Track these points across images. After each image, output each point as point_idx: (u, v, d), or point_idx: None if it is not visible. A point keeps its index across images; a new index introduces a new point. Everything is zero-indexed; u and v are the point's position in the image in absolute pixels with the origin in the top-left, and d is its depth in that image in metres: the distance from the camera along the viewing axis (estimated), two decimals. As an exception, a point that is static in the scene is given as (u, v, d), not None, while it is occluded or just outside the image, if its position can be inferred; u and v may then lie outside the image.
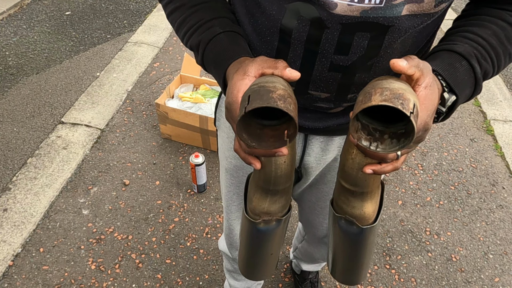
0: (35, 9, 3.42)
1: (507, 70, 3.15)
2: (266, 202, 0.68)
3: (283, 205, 0.70)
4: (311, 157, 0.86)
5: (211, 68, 0.67)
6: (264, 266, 0.79)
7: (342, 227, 0.68)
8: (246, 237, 0.74)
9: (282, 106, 0.49)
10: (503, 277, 1.75)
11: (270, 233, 0.71)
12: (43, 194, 1.94)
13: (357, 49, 0.62)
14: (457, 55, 0.60)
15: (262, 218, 0.69)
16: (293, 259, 1.58)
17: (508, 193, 2.12)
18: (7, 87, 2.59)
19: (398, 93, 0.47)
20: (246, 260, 0.79)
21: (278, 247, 0.77)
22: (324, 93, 0.70)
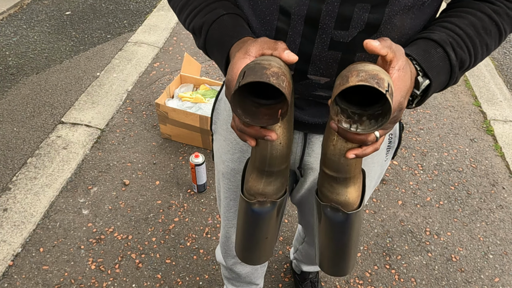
0: (35, 9, 3.42)
1: (507, 70, 3.16)
2: (261, 183, 0.69)
3: (278, 187, 0.71)
4: (311, 157, 0.85)
5: (214, 49, 0.67)
6: (260, 250, 0.80)
7: (328, 215, 0.69)
8: (242, 219, 0.75)
9: (274, 82, 0.50)
10: (503, 277, 1.75)
11: (265, 215, 0.72)
12: (43, 194, 1.94)
13: (357, 23, 0.62)
14: (433, 42, 0.61)
15: (257, 199, 0.71)
16: (293, 260, 1.58)
17: (508, 193, 2.12)
18: (7, 87, 2.59)
19: (373, 73, 0.49)
20: (242, 243, 0.79)
21: (273, 232, 0.78)
22: (324, 77, 0.69)
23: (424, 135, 2.45)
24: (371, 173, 0.91)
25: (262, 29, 0.68)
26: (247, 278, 1.31)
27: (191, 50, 3.02)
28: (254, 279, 1.35)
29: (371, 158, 0.88)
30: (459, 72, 0.63)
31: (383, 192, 2.08)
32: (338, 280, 1.71)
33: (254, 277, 1.33)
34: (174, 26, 3.29)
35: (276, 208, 0.72)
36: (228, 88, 0.58)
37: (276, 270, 1.74)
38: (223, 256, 1.21)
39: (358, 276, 1.73)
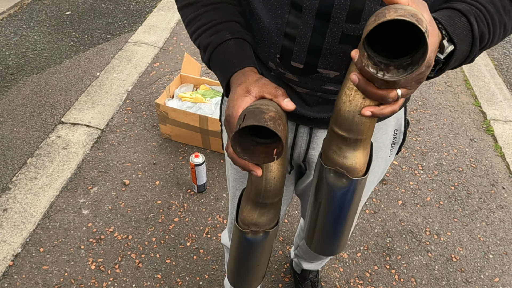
0: (35, 9, 3.42)
1: (507, 70, 3.16)
2: (255, 214, 0.73)
3: (271, 218, 0.74)
4: (315, 151, 0.86)
5: (217, 70, 0.72)
6: (251, 277, 0.84)
7: (330, 180, 0.65)
8: (235, 246, 0.79)
9: (271, 126, 0.55)
10: (503, 277, 1.75)
11: (258, 244, 0.76)
12: (43, 194, 1.94)
13: (368, 15, 0.62)
14: (456, 12, 0.60)
15: (250, 228, 0.74)
16: (294, 258, 1.58)
17: (508, 193, 2.12)
18: (7, 87, 2.59)
19: (412, 12, 0.47)
20: (234, 269, 0.84)
21: (265, 259, 0.81)
22: (333, 71, 0.69)
23: (424, 135, 2.45)
24: (374, 168, 0.91)
25: (272, 22, 0.68)
26: None
27: (191, 50, 3.02)
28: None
29: (376, 154, 0.88)
30: (478, 47, 0.62)
31: (383, 192, 2.08)
32: (338, 280, 1.71)
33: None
34: (174, 26, 3.29)
35: (268, 237, 0.76)
36: (229, 123, 0.64)
37: (276, 270, 1.74)
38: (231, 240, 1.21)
39: (358, 276, 1.73)
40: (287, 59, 0.71)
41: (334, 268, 1.75)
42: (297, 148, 0.88)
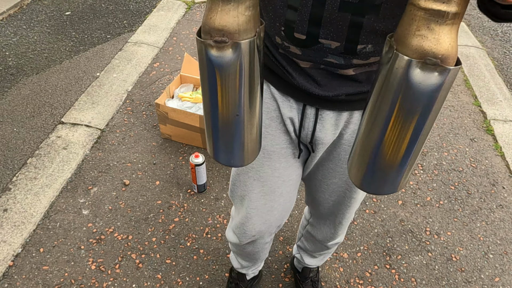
0: (35, 9, 3.42)
1: (507, 70, 3.16)
2: (216, 11, 0.53)
3: (239, 20, 0.53)
4: (322, 133, 0.87)
5: None
6: (235, 133, 0.63)
7: (415, 78, 0.49)
8: (203, 80, 0.60)
9: None
10: (503, 277, 1.75)
11: (227, 66, 0.55)
12: (43, 194, 1.94)
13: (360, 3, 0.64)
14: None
15: (213, 37, 0.54)
16: (296, 254, 1.58)
17: (508, 193, 2.12)
18: (7, 87, 2.59)
19: None
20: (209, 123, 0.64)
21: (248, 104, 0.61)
22: (334, 41, 0.70)
23: (424, 135, 2.45)
24: None
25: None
26: (256, 255, 1.34)
27: (191, 50, 3.02)
28: (263, 256, 1.39)
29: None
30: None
31: (383, 192, 2.08)
32: (338, 280, 1.71)
33: (263, 254, 1.37)
34: (174, 26, 3.29)
35: (243, 56, 0.55)
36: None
37: (276, 270, 1.74)
38: (239, 237, 1.18)
39: (358, 276, 1.73)
40: (290, 30, 0.72)
41: (334, 268, 1.75)
42: (304, 130, 0.88)
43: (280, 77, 0.83)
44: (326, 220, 1.20)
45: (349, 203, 1.09)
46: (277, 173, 0.99)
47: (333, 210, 1.13)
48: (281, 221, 1.15)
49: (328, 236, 1.26)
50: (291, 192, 1.07)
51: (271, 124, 0.91)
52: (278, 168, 0.98)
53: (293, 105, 0.86)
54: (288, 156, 0.97)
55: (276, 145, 0.94)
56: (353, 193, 1.05)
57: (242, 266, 1.47)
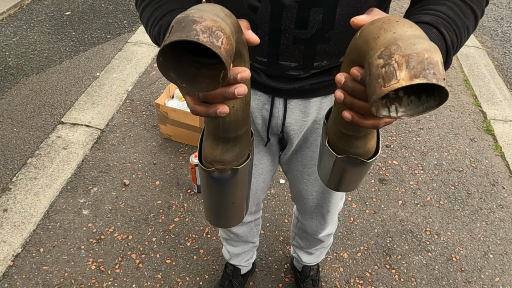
0: (35, 9, 3.42)
1: (507, 70, 3.16)
2: (217, 150, 0.62)
3: (237, 154, 0.63)
4: (292, 119, 0.92)
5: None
6: (228, 215, 0.76)
7: (344, 163, 0.66)
8: (204, 187, 0.71)
9: (204, 40, 0.40)
10: (503, 277, 1.75)
11: (227, 182, 0.67)
12: (43, 194, 1.94)
13: (314, 23, 0.70)
14: (426, 25, 0.60)
15: (215, 166, 0.63)
16: (293, 253, 1.58)
17: (508, 193, 2.12)
18: (7, 87, 2.59)
19: (425, 58, 0.39)
20: (209, 209, 0.76)
21: (241, 196, 0.73)
22: (293, 62, 0.77)
23: (424, 135, 2.45)
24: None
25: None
26: (244, 237, 1.41)
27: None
28: (251, 238, 1.44)
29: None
30: (452, 54, 0.63)
31: (383, 192, 2.08)
32: (338, 280, 1.71)
33: (251, 235, 1.43)
34: (174, 26, 3.29)
35: (239, 174, 0.67)
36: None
37: (276, 270, 1.74)
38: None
39: (358, 276, 1.73)
40: (252, 54, 0.78)
41: (334, 268, 1.75)
42: (274, 119, 0.92)
43: None
44: (312, 213, 1.23)
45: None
46: None
47: (318, 201, 1.16)
48: (257, 199, 1.22)
49: (319, 228, 1.28)
50: (263, 174, 1.12)
51: None
52: None
53: (261, 98, 0.90)
54: (256, 143, 1.02)
55: None
56: None
57: (232, 255, 1.51)
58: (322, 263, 1.75)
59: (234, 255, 1.51)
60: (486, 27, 3.74)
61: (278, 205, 1.99)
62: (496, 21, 3.84)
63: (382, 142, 2.37)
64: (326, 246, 1.46)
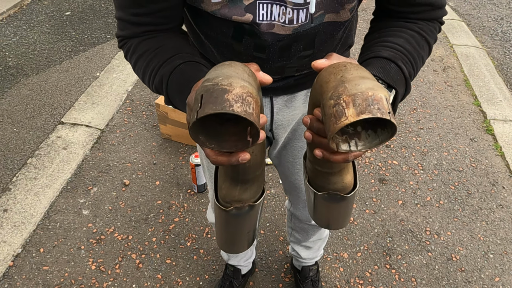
0: (35, 9, 3.42)
1: (507, 70, 3.16)
2: (236, 190, 0.64)
3: (255, 191, 0.66)
4: (279, 115, 0.94)
5: (176, 99, 0.66)
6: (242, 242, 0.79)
7: (326, 200, 0.70)
8: (220, 223, 0.73)
9: (238, 110, 0.42)
10: (503, 277, 1.75)
11: (244, 217, 0.71)
12: (43, 195, 1.94)
13: (295, 53, 0.76)
14: (385, 60, 0.66)
15: (233, 205, 0.66)
16: (291, 252, 1.58)
17: (508, 192, 2.12)
18: (7, 87, 2.59)
19: (369, 95, 0.44)
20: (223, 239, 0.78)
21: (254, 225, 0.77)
22: (276, 76, 0.83)
23: (424, 134, 2.45)
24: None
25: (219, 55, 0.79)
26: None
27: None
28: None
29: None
30: (410, 85, 0.69)
31: (383, 192, 2.08)
32: (338, 279, 1.71)
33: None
34: (174, 26, 3.29)
35: (255, 208, 0.70)
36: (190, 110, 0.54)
37: (276, 270, 1.74)
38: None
39: (359, 276, 1.73)
40: None
41: (334, 268, 1.75)
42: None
43: None
44: (305, 202, 1.23)
45: None
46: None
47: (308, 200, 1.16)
48: None
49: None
50: None
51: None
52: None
53: None
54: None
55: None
56: None
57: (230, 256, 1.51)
58: (322, 263, 1.75)
59: (232, 256, 1.51)
60: (486, 27, 3.74)
61: (278, 205, 1.99)
62: (496, 21, 3.84)
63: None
64: (322, 238, 1.45)
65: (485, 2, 4.19)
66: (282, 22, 0.69)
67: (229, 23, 0.69)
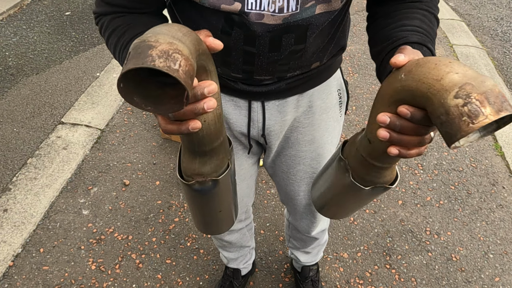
0: (35, 9, 3.42)
1: (507, 70, 3.16)
2: (196, 163, 0.63)
3: (216, 165, 0.65)
4: (271, 120, 0.93)
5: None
6: (217, 223, 0.78)
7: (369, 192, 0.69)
8: (187, 198, 0.73)
9: (160, 65, 0.40)
10: (503, 277, 1.75)
11: (209, 193, 0.69)
12: (43, 195, 1.94)
13: (286, 46, 0.74)
14: (417, 45, 0.64)
15: (195, 179, 0.65)
16: (291, 255, 1.59)
17: (508, 192, 2.12)
18: (7, 87, 2.59)
19: (497, 92, 0.43)
20: (196, 219, 0.78)
21: (226, 204, 0.75)
22: (267, 76, 0.82)
23: (424, 134, 2.45)
24: (329, 128, 0.99)
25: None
26: (238, 243, 1.41)
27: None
28: (245, 243, 1.45)
29: (326, 114, 0.96)
30: None
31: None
32: (338, 279, 1.71)
33: (244, 240, 1.43)
34: (174, 26, 3.29)
35: (220, 185, 0.69)
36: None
37: (276, 270, 1.74)
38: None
39: (359, 276, 1.73)
40: (227, 71, 0.81)
41: (334, 268, 1.75)
42: (254, 123, 0.93)
43: (221, 84, 0.88)
44: (302, 213, 1.23)
45: None
46: None
47: (307, 200, 1.17)
48: (245, 207, 1.23)
49: (310, 226, 1.28)
50: (246, 180, 1.12)
51: None
52: None
53: (237, 103, 0.90)
54: (236, 149, 1.02)
55: None
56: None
57: (229, 260, 1.51)
58: (322, 263, 1.75)
59: (231, 259, 1.51)
60: (486, 27, 3.74)
61: (278, 205, 1.99)
62: (496, 21, 3.84)
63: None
64: (322, 244, 1.45)
65: (485, 2, 4.19)
66: (272, 11, 0.68)
67: (219, 14, 0.68)
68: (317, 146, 1.01)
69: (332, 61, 0.89)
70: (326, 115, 0.97)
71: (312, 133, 0.98)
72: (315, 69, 0.86)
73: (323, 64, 0.86)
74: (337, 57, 0.90)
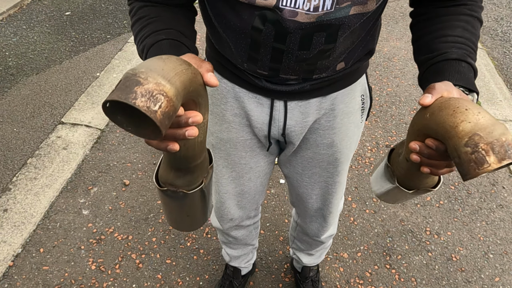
0: (35, 9, 3.42)
1: (507, 70, 3.16)
2: (170, 175, 0.66)
3: (189, 181, 0.67)
4: (293, 121, 0.92)
5: None
6: (185, 223, 0.82)
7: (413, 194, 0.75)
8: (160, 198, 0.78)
9: (140, 104, 0.41)
10: (503, 277, 1.75)
11: (179, 201, 0.73)
12: (43, 195, 1.94)
13: (316, 45, 0.74)
14: (456, 61, 0.69)
15: (167, 187, 0.69)
16: (293, 255, 1.59)
17: (508, 192, 2.12)
18: (7, 87, 2.59)
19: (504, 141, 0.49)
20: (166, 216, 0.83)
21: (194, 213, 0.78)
22: (293, 76, 0.81)
23: (424, 134, 2.45)
24: (349, 133, 0.99)
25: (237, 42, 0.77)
26: (243, 241, 1.41)
27: (191, 50, 3.02)
28: (250, 241, 1.44)
29: (347, 118, 0.95)
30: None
31: (383, 192, 2.08)
32: (338, 279, 1.71)
33: (250, 238, 1.42)
34: (174, 26, 3.29)
35: (189, 197, 0.71)
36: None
37: (276, 270, 1.74)
38: (219, 221, 1.27)
39: (359, 275, 1.73)
40: (253, 67, 0.82)
41: (334, 268, 1.75)
42: (275, 122, 0.93)
43: (246, 80, 0.88)
44: (313, 216, 1.22)
45: (334, 189, 1.11)
46: (243, 161, 1.05)
47: (319, 204, 1.16)
48: (255, 204, 1.23)
49: (321, 230, 1.27)
50: (260, 177, 1.12)
51: (235, 119, 0.96)
52: (244, 156, 1.04)
53: (260, 101, 0.90)
54: (253, 146, 1.02)
55: (241, 137, 1.00)
56: (335, 177, 1.07)
57: (232, 258, 1.51)
58: (322, 263, 1.75)
59: (233, 257, 1.51)
60: (486, 27, 3.74)
61: (278, 205, 1.99)
62: (496, 21, 3.84)
63: (382, 142, 2.37)
64: (326, 247, 1.45)
65: (485, 2, 4.19)
66: (307, 9, 0.67)
67: (252, 9, 0.68)
68: (335, 151, 1.00)
69: (359, 65, 0.89)
70: (347, 119, 0.96)
71: (332, 137, 0.97)
72: (341, 72, 0.85)
73: (348, 67, 0.86)
74: (364, 61, 0.89)
